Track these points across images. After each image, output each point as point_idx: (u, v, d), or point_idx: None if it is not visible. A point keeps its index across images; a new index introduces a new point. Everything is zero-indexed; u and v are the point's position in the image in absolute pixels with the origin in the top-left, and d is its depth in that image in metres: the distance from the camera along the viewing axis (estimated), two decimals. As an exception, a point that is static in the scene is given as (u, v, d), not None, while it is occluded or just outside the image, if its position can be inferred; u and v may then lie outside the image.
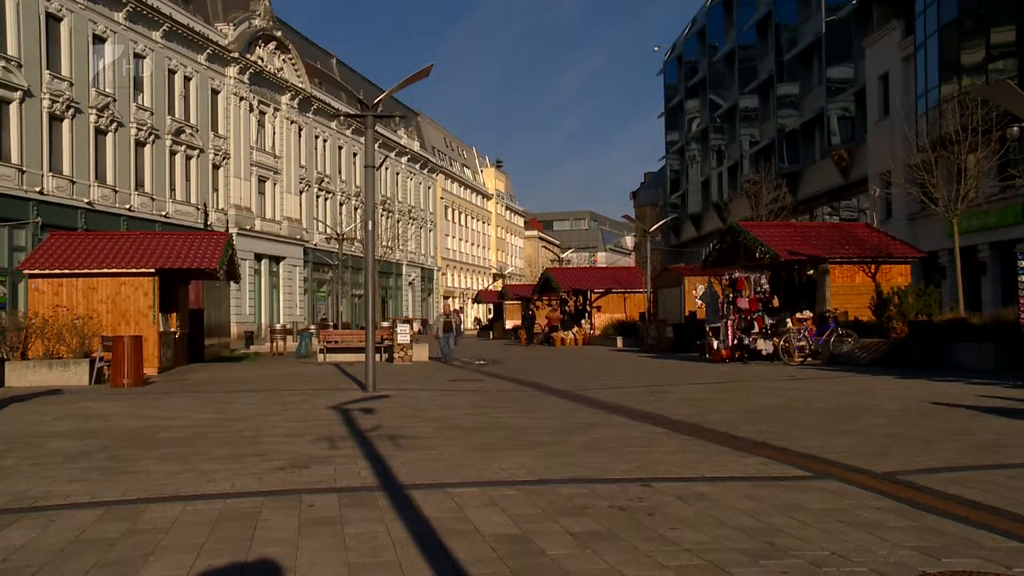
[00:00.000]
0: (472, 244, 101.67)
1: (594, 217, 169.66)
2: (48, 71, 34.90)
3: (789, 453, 7.63)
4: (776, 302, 23.13)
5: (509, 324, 57.05)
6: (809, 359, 21.49)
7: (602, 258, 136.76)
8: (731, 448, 7.99)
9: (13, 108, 33.20)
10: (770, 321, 22.44)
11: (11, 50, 33.20)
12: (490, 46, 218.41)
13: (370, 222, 16.16)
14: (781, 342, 21.82)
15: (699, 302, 30.22)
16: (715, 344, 23.03)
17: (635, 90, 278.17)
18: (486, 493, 5.97)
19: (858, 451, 7.64)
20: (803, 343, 21.67)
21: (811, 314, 22.58)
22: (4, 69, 32.72)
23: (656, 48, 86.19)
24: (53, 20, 35.60)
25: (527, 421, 10.39)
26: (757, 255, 24.39)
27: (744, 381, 16.60)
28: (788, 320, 22.29)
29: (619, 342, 36.96)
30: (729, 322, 22.63)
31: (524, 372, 20.56)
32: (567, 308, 44.17)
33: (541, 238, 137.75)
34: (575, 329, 40.87)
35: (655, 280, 38.73)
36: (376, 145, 16.56)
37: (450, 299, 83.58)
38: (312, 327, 38.89)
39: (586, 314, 42.93)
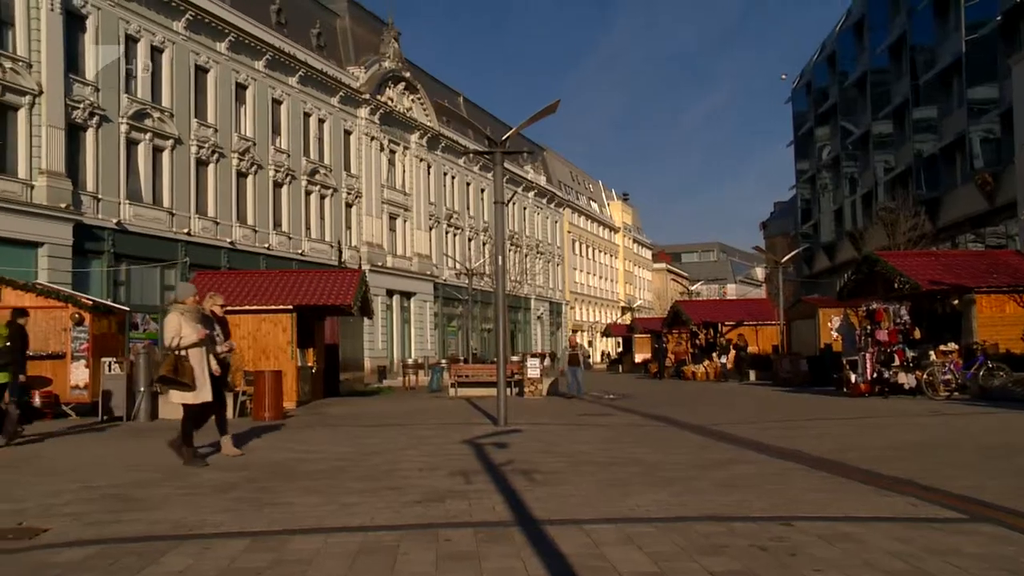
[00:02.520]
0: (600, 278, 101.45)
1: (723, 248, 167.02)
2: (196, 119, 36.91)
3: (940, 493, 7.28)
4: (917, 334, 22.18)
5: (639, 358, 56.53)
6: (956, 393, 20.49)
7: (732, 290, 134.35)
8: (875, 486, 7.69)
9: (165, 155, 35.24)
10: (912, 354, 21.52)
11: (165, 102, 35.34)
12: (615, 78, 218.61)
13: (499, 257, 16.34)
14: (925, 375, 20.89)
15: (835, 334, 29.31)
16: (853, 378, 22.23)
17: (762, 119, 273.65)
18: (622, 530, 5.91)
19: (1019, 493, 7.23)
20: (949, 376, 20.69)
21: (956, 346, 21.56)
22: (159, 120, 34.80)
23: (784, 76, 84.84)
24: (201, 72, 37.69)
25: (661, 456, 10.25)
26: (896, 285, 23.51)
27: (886, 416, 15.96)
28: (931, 353, 21.34)
29: (752, 375, 36.14)
30: (867, 355, 21.82)
31: (655, 406, 20.31)
32: (697, 341, 43.51)
33: (669, 271, 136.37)
34: (706, 362, 40.17)
35: (788, 312, 37.77)
36: (504, 180, 16.78)
37: (576, 332, 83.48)
38: (443, 361, 39.46)
39: (717, 347, 42.17)
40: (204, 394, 10.14)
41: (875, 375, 21.72)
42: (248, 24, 40.30)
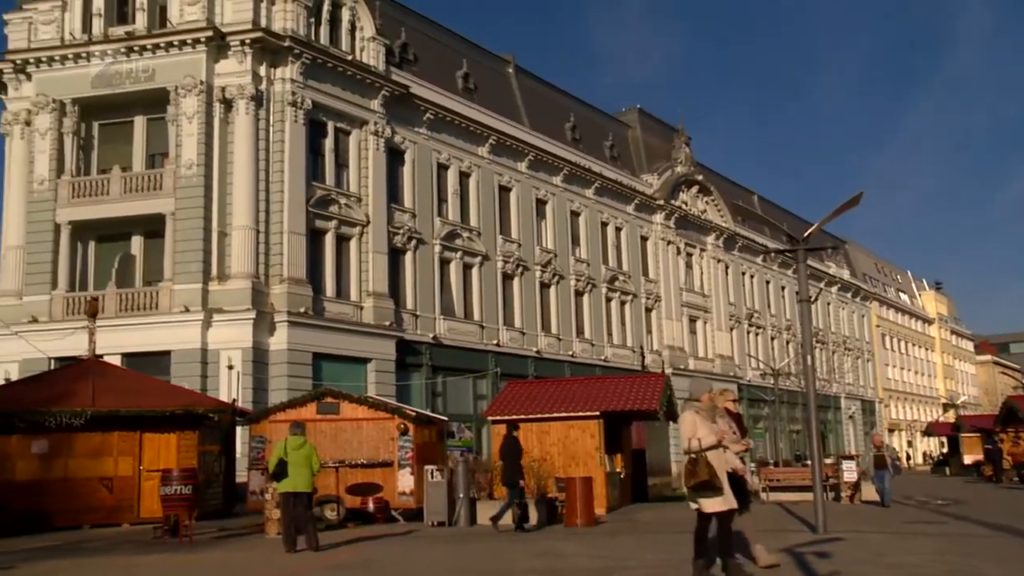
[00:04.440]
0: (915, 373, 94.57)
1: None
2: (500, 235, 39.24)
3: None
4: None
5: (968, 459, 51.63)
6: None
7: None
8: None
9: (474, 272, 37.66)
10: None
11: (473, 222, 37.98)
12: (920, 161, 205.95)
13: (807, 356, 15.83)
14: None
15: None
16: None
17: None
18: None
19: None
20: None
21: None
22: (468, 239, 37.42)
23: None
24: (504, 191, 40.21)
25: (1008, 571, 9.32)
26: None
27: None
28: None
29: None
30: None
31: (994, 514, 18.42)
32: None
33: (996, 363, 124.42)
34: (1051, 464, 35.97)
35: None
36: (807, 277, 16.35)
37: (892, 431, 77.78)
38: (752, 465, 38.20)
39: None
40: (729, 500, 9.16)
41: None
42: (546, 143, 42.60)
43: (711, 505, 9.06)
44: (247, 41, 29.32)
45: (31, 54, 30.13)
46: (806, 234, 16.57)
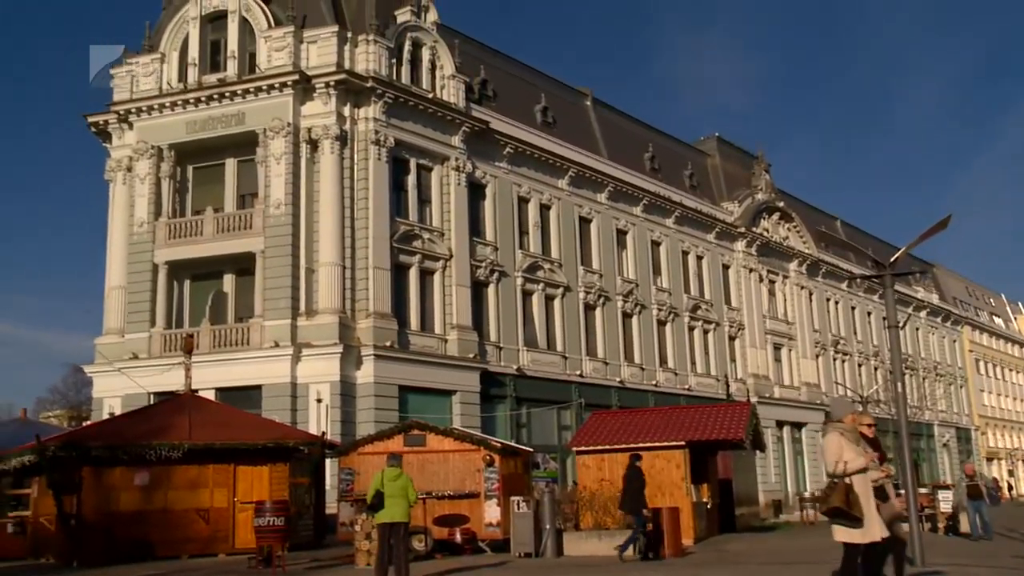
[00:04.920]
0: (1014, 399, 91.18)
1: None
2: (582, 266, 39.42)
3: None
4: None
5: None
6: None
7: None
8: None
9: (556, 303, 37.91)
10: None
11: (554, 253, 38.28)
12: (1011, 180, 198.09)
13: (898, 384, 15.57)
14: None
15: None
16: None
17: None
18: None
19: None
20: None
21: None
22: (550, 271, 37.70)
23: None
24: (584, 222, 40.44)
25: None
26: None
27: None
28: None
29: None
30: None
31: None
32: None
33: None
34: None
35: None
36: (894, 303, 16.12)
37: (992, 460, 75.05)
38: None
39: None
40: (874, 530, 8.48)
41: None
42: (625, 174, 42.73)
43: (845, 535, 8.52)
44: (331, 83, 30.28)
45: (133, 104, 31.61)
46: (892, 259, 16.36)
